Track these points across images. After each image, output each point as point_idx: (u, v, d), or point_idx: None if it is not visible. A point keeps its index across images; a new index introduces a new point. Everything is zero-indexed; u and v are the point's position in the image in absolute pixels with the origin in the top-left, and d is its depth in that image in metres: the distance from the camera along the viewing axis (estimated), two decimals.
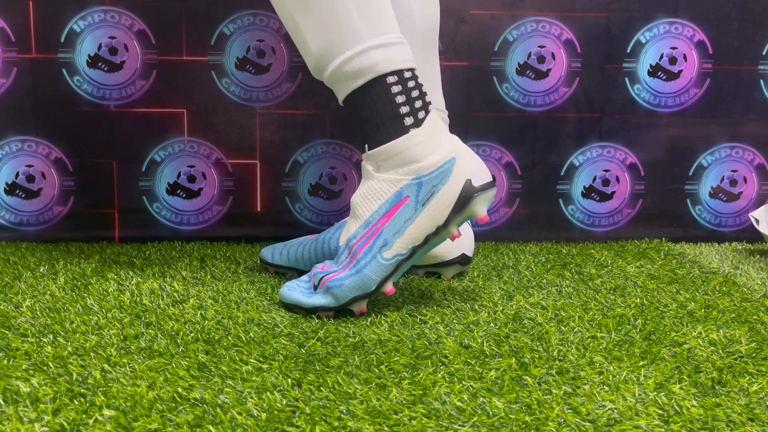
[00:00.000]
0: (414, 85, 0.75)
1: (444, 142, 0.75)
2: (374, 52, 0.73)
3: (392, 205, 0.73)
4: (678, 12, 1.11)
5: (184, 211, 1.10)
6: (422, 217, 0.73)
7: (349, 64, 0.73)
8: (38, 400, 0.52)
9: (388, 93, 0.74)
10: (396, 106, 0.74)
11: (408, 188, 0.73)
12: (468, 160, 0.75)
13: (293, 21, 0.75)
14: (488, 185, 0.75)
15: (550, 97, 1.11)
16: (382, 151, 0.73)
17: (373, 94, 0.74)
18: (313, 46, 0.74)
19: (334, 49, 0.73)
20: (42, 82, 1.06)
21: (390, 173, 0.74)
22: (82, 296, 0.78)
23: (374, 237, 0.73)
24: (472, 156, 0.76)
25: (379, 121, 0.74)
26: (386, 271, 0.73)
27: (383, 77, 0.73)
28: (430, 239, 0.74)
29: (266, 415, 0.51)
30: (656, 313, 0.76)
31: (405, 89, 0.74)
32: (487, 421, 0.51)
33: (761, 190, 1.17)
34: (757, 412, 0.53)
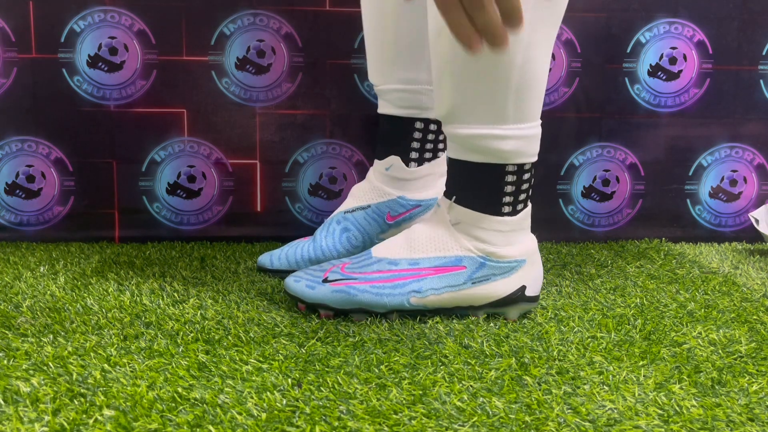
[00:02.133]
0: (528, 178, 0.74)
1: (524, 241, 0.75)
2: (510, 142, 0.71)
3: (447, 264, 0.73)
4: (678, 12, 1.11)
5: (184, 211, 1.10)
6: (465, 293, 0.73)
7: (482, 140, 0.71)
8: (38, 400, 0.52)
9: (502, 179, 0.73)
10: (502, 193, 0.73)
11: (470, 260, 0.73)
12: (535, 267, 0.75)
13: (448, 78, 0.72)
14: (533, 299, 0.75)
15: (550, 97, 1.11)
16: (469, 215, 0.73)
17: (488, 172, 0.72)
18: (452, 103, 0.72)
19: (472, 119, 0.71)
20: (42, 82, 1.06)
21: (463, 237, 0.73)
22: (82, 296, 0.78)
23: (413, 279, 0.73)
24: (540, 267, 0.76)
25: (481, 194, 0.73)
26: (402, 308, 0.73)
27: (505, 166, 0.72)
28: (454, 310, 0.74)
29: (266, 415, 0.51)
30: (656, 313, 0.76)
31: (518, 180, 0.73)
32: (487, 421, 0.51)
33: (761, 190, 1.17)
34: (757, 412, 0.53)
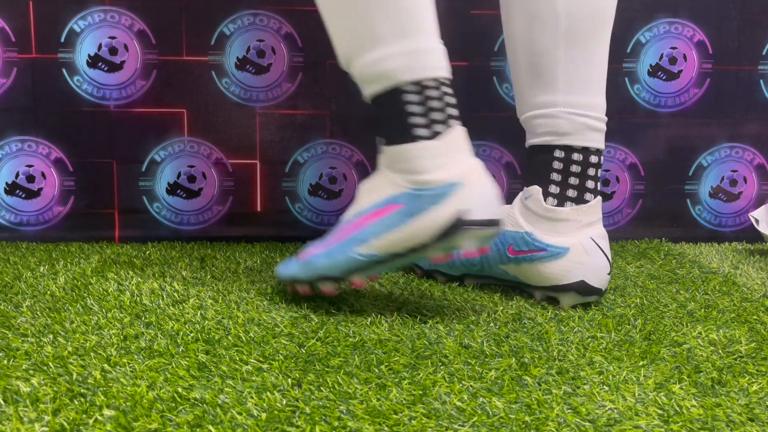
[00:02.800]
0: (437, 96, 0.70)
1: (456, 164, 0.70)
2: (392, 60, 0.70)
3: (383, 205, 0.72)
4: (678, 12, 1.11)
5: (184, 211, 1.10)
6: (404, 230, 0.70)
7: (368, 68, 0.71)
8: (38, 400, 0.52)
9: (404, 102, 0.70)
10: (410, 116, 0.70)
11: (404, 197, 0.70)
12: (475, 189, 0.69)
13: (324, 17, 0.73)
14: (485, 222, 0.69)
15: None
16: (391, 152, 0.72)
17: (390, 100, 0.71)
18: (338, 43, 0.73)
19: (355, 50, 0.72)
20: (42, 82, 1.06)
21: (395, 175, 0.71)
22: (82, 296, 0.78)
23: (356, 230, 0.72)
24: (484, 187, 0.70)
25: (393, 125, 0.71)
26: (356, 265, 0.72)
27: (400, 86, 0.70)
28: (409, 254, 0.71)
29: (266, 415, 0.51)
30: (656, 313, 0.76)
31: (424, 99, 0.70)
32: (487, 421, 0.51)
33: (761, 190, 1.17)
34: (757, 412, 0.53)
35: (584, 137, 0.80)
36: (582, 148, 0.80)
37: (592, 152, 0.80)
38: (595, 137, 0.80)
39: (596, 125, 0.80)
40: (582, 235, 0.78)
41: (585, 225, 0.79)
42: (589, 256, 0.77)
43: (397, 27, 0.70)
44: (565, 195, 0.80)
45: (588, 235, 0.78)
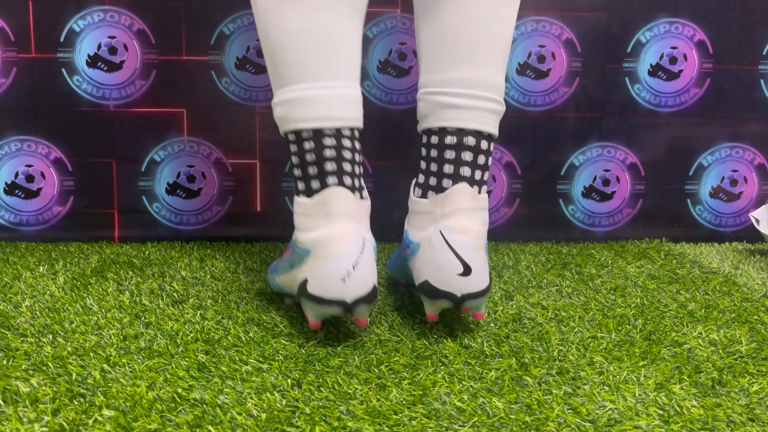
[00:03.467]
0: (311, 148, 0.66)
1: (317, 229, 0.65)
2: (278, 108, 0.68)
3: (289, 246, 0.71)
4: (678, 12, 1.11)
5: (183, 211, 1.10)
6: (288, 277, 0.69)
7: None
8: (38, 400, 0.52)
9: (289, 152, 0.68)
10: (293, 167, 0.68)
11: (292, 245, 0.69)
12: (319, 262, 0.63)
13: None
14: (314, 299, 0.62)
15: (550, 96, 1.11)
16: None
17: (285, 145, 0.69)
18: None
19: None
20: (42, 81, 1.05)
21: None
22: (81, 296, 0.78)
23: (280, 258, 0.74)
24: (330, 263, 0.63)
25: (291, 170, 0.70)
26: (280, 290, 0.75)
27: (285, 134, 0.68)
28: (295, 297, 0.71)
29: (266, 415, 0.50)
30: (656, 313, 0.76)
31: (300, 151, 0.66)
32: (487, 421, 0.51)
33: (761, 190, 1.17)
34: (757, 412, 0.53)
35: (438, 117, 0.71)
36: (438, 129, 0.70)
37: (449, 132, 0.70)
38: (451, 115, 0.70)
39: (452, 102, 0.70)
40: (433, 228, 0.68)
41: (439, 217, 0.69)
42: (433, 254, 0.66)
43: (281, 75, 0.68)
44: (428, 184, 0.71)
45: (438, 229, 0.67)
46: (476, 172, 0.69)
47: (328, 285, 0.62)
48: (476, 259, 0.65)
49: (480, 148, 0.69)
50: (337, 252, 0.63)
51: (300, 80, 0.66)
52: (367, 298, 0.63)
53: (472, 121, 0.69)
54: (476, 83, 0.69)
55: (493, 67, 0.70)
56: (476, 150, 0.69)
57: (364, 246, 0.64)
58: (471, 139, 0.69)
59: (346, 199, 0.65)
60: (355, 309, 0.62)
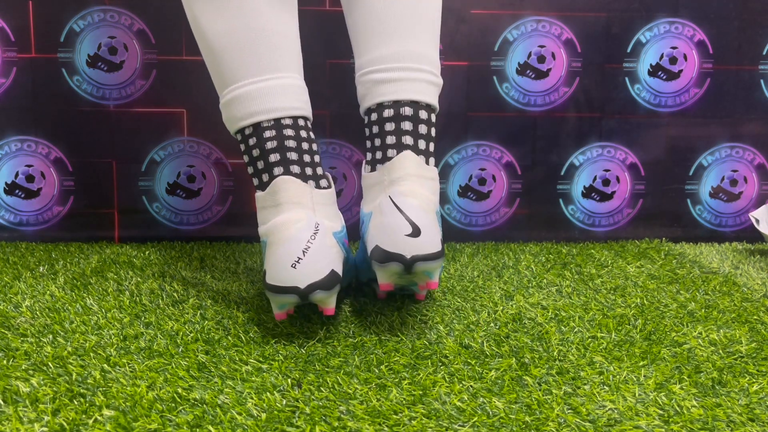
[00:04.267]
0: (254, 144, 0.67)
1: (269, 219, 0.65)
2: (223, 112, 0.71)
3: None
4: (678, 12, 1.11)
5: (183, 211, 1.10)
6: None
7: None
8: (38, 400, 0.52)
9: (240, 152, 0.70)
10: (246, 165, 0.70)
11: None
12: (273, 251, 0.63)
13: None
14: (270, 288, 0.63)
15: (550, 96, 1.11)
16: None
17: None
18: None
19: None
20: (42, 81, 1.05)
21: None
22: (81, 296, 0.78)
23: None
24: (281, 250, 0.63)
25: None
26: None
27: (235, 136, 0.70)
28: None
29: (266, 415, 0.50)
30: (656, 313, 0.76)
31: (247, 149, 0.68)
32: (487, 421, 0.51)
33: (761, 190, 1.17)
34: (757, 412, 0.53)
35: (374, 94, 0.71)
36: (376, 105, 0.70)
37: (386, 106, 0.70)
38: (386, 89, 0.70)
39: (385, 77, 0.70)
40: (383, 196, 0.67)
41: (388, 184, 0.68)
42: (383, 217, 0.65)
43: (224, 76, 0.69)
44: (375, 159, 0.71)
45: (387, 195, 0.66)
46: (420, 141, 0.69)
47: (280, 273, 0.62)
48: (426, 221, 0.64)
49: (419, 118, 0.69)
50: (285, 239, 0.63)
51: (235, 80, 0.68)
52: (323, 284, 0.62)
53: (407, 92, 0.69)
54: (407, 56, 0.70)
55: (423, 41, 0.70)
56: (415, 119, 0.69)
57: (316, 232, 0.64)
58: (408, 109, 0.69)
59: (294, 187, 0.66)
60: (312, 296, 0.62)
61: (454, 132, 1.11)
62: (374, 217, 0.66)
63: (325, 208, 0.68)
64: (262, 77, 0.67)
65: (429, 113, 0.70)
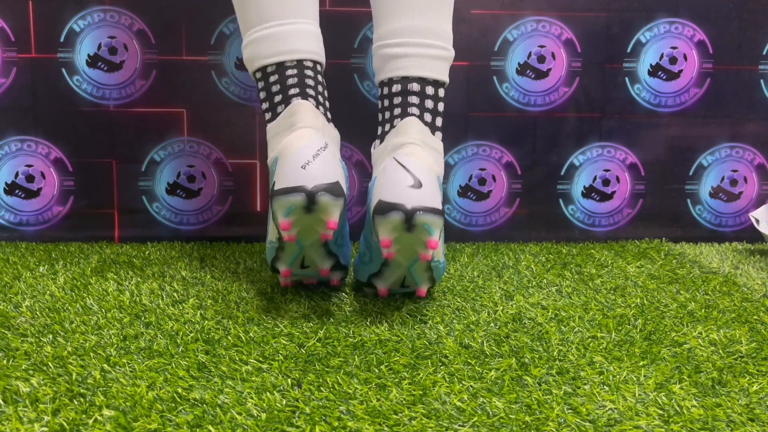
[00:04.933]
0: (276, 80, 0.71)
1: (281, 139, 0.68)
2: (245, 50, 0.74)
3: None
4: (678, 12, 1.11)
5: (183, 211, 1.10)
6: (270, 211, 0.69)
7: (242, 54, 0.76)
8: (38, 400, 0.52)
9: (257, 87, 0.74)
10: (261, 101, 0.73)
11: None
12: (284, 161, 0.65)
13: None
14: (281, 191, 0.64)
15: (550, 96, 1.11)
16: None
17: (255, 83, 0.75)
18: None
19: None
20: (42, 81, 1.05)
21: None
22: (81, 296, 0.78)
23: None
24: (293, 157, 0.65)
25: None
26: (271, 254, 0.74)
27: (253, 74, 0.74)
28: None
29: (266, 415, 0.50)
30: (656, 313, 0.76)
31: (266, 85, 0.71)
32: (487, 421, 0.51)
33: (761, 190, 1.17)
34: (757, 412, 0.53)
35: (386, 69, 0.74)
36: (387, 80, 0.74)
37: (395, 81, 0.73)
38: (396, 65, 0.73)
39: (396, 52, 0.73)
40: (388, 159, 0.70)
41: (392, 148, 0.71)
42: (386, 174, 0.67)
43: (247, 18, 0.73)
44: (384, 131, 0.74)
45: (392, 157, 0.69)
46: (425, 114, 0.71)
47: (289, 175, 0.64)
48: (428, 178, 0.65)
49: (426, 93, 0.71)
50: (297, 148, 0.65)
51: (262, 21, 0.71)
52: (330, 189, 0.63)
53: (415, 68, 0.72)
54: (418, 31, 0.72)
55: (436, 14, 0.73)
56: (422, 94, 0.71)
57: (326, 147, 0.66)
58: (415, 85, 0.72)
59: (309, 110, 0.69)
60: (318, 198, 0.63)
61: (454, 132, 1.11)
62: (378, 179, 0.68)
63: (333, 140, 0.73)
64: (288, 21, 0.71)
65: (436, 88, 0.73)
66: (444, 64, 0.74)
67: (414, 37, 0.72)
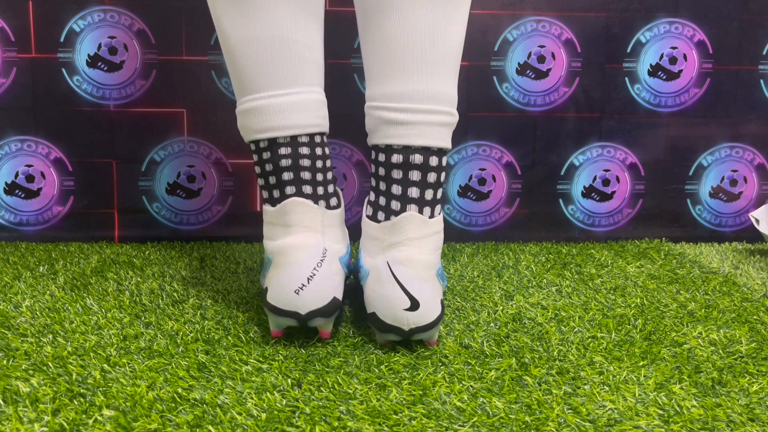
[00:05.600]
0: (268, 158, 0.66)
1: (278, 238, 0.64)
2: (238, 117, 0.68)
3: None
4: (678, 12, 1.11)
5: (183, 211, 1.10)
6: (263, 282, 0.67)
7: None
8: (38, 400, 0.52)
9: (254, 161, 0.68)
10: (258, 176, 0.68)
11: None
12: (276, 271, 0.63)
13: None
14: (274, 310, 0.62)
15: (550, 96, 1.11)
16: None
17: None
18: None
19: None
20: (42, 82, 1.05)
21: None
22: (81, 296, 0.78)
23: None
24: (284, 272, 0.62)
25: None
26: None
27: (249, 144, 0.68)
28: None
29: (266, 415, 0.50)
30: (656, 313, 0.76)
31: (260, 160, 0.66)
32: (487, 421, 0.51)
33: (761, 190, 1.17)
34: (757, 412, 0.53)
35: (383, 134, 0.67)
36: (385, 146, 0.67)
37: (395, 150, 0.66)
38: (396, 132, 0.66)
39: (396, 117, 0.66)
40: (381, 258, 0.65)
41: (387, 246, 0.65)
42: (380, 285, 0.64)
43: (242, 86, 0.67)
44: (378, 203, 0.68)
45: (385, 259, 0.64)
46: (426, 192, 0.66)
47: (282, 296, 0.62)
48: (424, 291, 0.63)
49: (429, 165, 0.66)
50: (292, 263, 0.62)
51: (255, 90, 0.66)
52: (323, 311, 0.62)
53: (418, 137, 0.65)
54: (421, 96, 0.65)
55: (440, 78, 0.66)
56: (425, 168, 0.66)
57: (324, 258, 0.63)
58: (418, 157, 0.66)
59: (304, 210, 0.64)
60: (311, 321, 0.62)
61: (454, 132, 1.10)
62: (371, 279, 0.65)
63: (334, 229, 0.67)
64: (282, 91, 0.65)
65: (440, 157, 0.67)
66: (448, 130, 0.68)
67: (417, 102, 0.65)
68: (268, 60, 0.65)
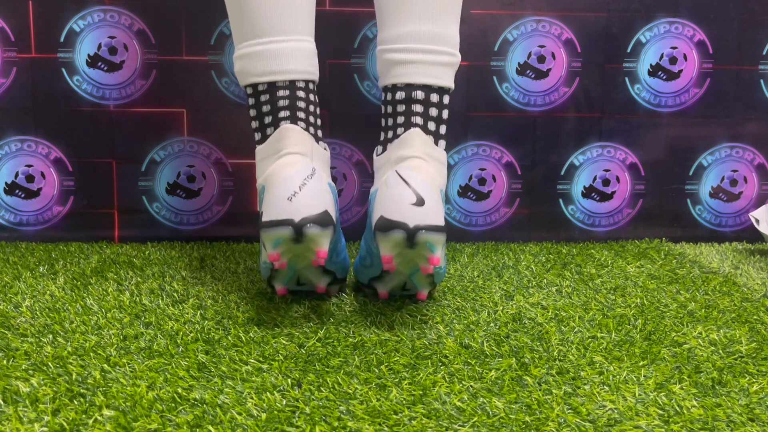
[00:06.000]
0: (266, 100, 0.69)
1: (268, 165, 0.66)
2: (237, 63, 0.72)
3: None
4: (678, 12, 1.11)
5: (183, 211, 1.10)
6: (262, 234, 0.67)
7: (234, 65, 0.73)
8: (38, 400, 0.52)
9: (248, 105, 0.72)
10: (251, 119, 0.71)
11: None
12: (271, 192, 0.64)
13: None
14: (267, 224, 0.63)
15: (550, 96, 1.11)
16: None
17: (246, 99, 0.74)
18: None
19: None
20: (42, 82, 1.05)
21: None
22: (81, 296, 0.78)
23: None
24: (279, 188, 0.64)
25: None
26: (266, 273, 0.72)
27: (244, 87, 0.72)
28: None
29: (266, 415, 0.50)
30: (656, 313, 0.76)
31: (257, 103, 0.69)
32: (487, 421, 0.51)
33: (761, 190, 1.17)
34: (757, 412, 0.53)
35: (390, 74, 0.72)
36: (391, 86, 0.72)
37: (399, 88, 0.71)
38: (400, 71, 0.71)
39: (400, 58, 0.71)
40: (390, 171, 0.68)
41: (395, 161, 0.70)
42: (388, 189, 0.65)
43: (242, 30, 0.70)
44: (386, 138, 0.73)
45: (394, 170, 0.68)
46: (429, 123, 0.70)
47: (276, 207, 0.63)
48: (431, 194, 0.64)
49: (430, 101, 0.70)
50: (284, 177, 0.64)
51: (255, 35, 0.69)
52: (318, 220, 0.62)
53: (419, 76, 0.70)
54: (424, 37, 0.70)
55: (442, 19, 0.71)
56: (426, 102, 0.70)
57: (313, 174, 0.65)
58: (420, 93, 0.71)
59: (296, 134, 0.67)
60: (306, 231, 0.62)
61: (454, 132, 1.11)
62: (380, 191, 0.67)
63: (322, 163, 0.71)
64: (281, 37, 0.69)
65: (441, 95, 0.71)
66: (450, 70, 0.72)
67: (419, 42, 0.70)
68: (268, 7, 0.69)
